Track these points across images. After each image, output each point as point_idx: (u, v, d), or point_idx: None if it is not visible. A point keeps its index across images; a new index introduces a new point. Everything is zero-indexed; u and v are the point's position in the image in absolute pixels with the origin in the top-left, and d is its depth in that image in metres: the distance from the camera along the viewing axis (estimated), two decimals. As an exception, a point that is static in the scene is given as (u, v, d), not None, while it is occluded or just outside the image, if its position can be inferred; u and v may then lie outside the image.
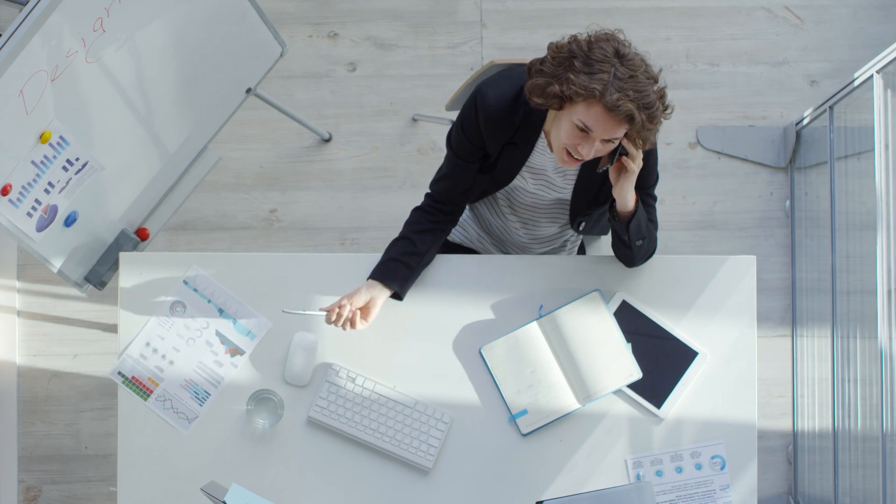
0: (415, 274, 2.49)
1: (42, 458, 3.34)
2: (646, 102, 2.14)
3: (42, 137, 2.31)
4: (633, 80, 2.14)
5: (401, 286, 2.47)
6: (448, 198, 2.49)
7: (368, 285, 2.46)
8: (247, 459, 2.50)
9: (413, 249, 2.48)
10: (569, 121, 2.19)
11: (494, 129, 2.34)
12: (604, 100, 2.13)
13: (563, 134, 2.21)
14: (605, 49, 2.15)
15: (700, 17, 3.54)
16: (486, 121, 2.33)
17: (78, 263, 2.61)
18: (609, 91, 2.13)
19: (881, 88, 2.80)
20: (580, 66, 2.15)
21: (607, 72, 2.13)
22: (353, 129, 3.48)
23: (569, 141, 2.21)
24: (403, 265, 2.47)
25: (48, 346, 3.37)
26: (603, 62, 2.14)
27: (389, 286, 2.46)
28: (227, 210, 3.44)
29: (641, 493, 2.12)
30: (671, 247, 3.42)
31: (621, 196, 2.33)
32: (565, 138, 2.22)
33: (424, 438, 2.49)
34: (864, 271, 3.06)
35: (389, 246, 2.50)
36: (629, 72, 2.14)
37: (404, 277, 2.47)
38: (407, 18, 3.52)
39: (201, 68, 2.64)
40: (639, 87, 2.14)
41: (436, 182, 2.51)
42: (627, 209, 2.36)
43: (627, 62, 2.15)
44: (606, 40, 2.17)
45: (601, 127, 2.17)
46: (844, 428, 3.09)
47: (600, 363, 2.50)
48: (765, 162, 3.47)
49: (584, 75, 2.14)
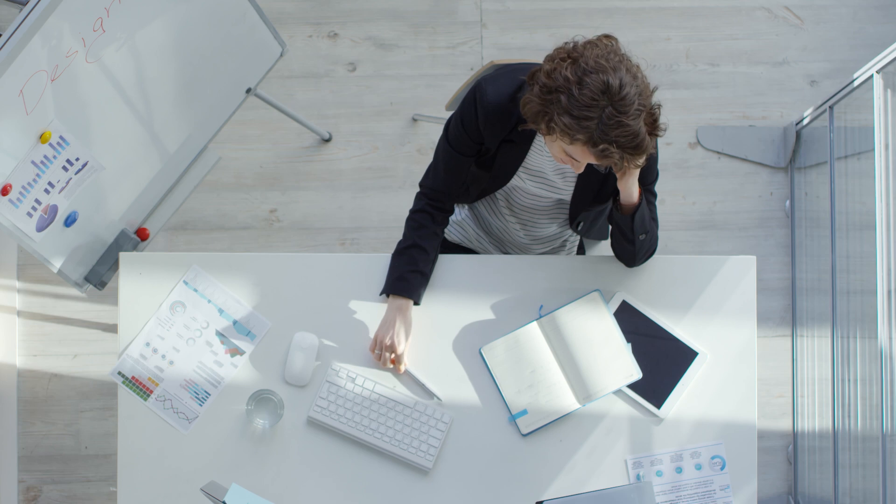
0: (428, 279, 2.52)
1: (42, 458, 3.34)
2: (633, 144, 2.09)
3: (42, 137, 2.31)
4: (620, 126, 2.06)
5: (420, 295, 2.51)
6: (445, 194, 2.49)
7: (398, 307, 2.48)
8: (247, 459, 2.50)
9: (425, 257, 2.49)
10: (557, 145, 2.18)
11: (493, 125, 2.34)
12: (588, 146, 2.10)
13: (554, 151, 2.21)
14: (594, 85, 2.05)
15: (700, 17, 3.54)
16: (484, 117, 2.33)
17: (78, 263, 2.61)
18: (593, 139, 2.08)
19: (881, 88, 2.80)
20: (566, 105, 2.07)
21: (593, 118, 2.06)
22: (353, 129, 3.48)
23: (560, 159, 2.21)
24: (420, 274, 2.49)
25: (48, 346, 3.37)
26: (590, 106, 2.05)
27: (417, 300, 2.50)
28: (227, 210, 3.44)
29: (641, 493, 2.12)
30: (671, 247, 3.42)
31: (626, 188, 2.32)
32: (556, 155, 2.21)
33: (424, 438, 2.49)
34: (864, 271, 3.06)
35: (402, 256, 2.49)
36: (617, 115, 2.05)
37: (423, 285, 2.51)
38: (407, 18, 3.52)
39: (201, 68, 2.64)
40: (626, 132, 2.07)
41: (431, 178, 2.49)
42: (632, 201, 2.35)
43: (617, 101, 2.05)
44: (598, 72, 2.06)
45: (586, 160, 2.16)
46: (844, 428, 3.09)
47: (600, 363, 2.50)
48: (765, 162, 3.47)
49: (569, 117, 2.07)
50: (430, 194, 2.50)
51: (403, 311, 2.48)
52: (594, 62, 2.08)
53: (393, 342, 2.46)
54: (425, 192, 2.51)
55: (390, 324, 2.47)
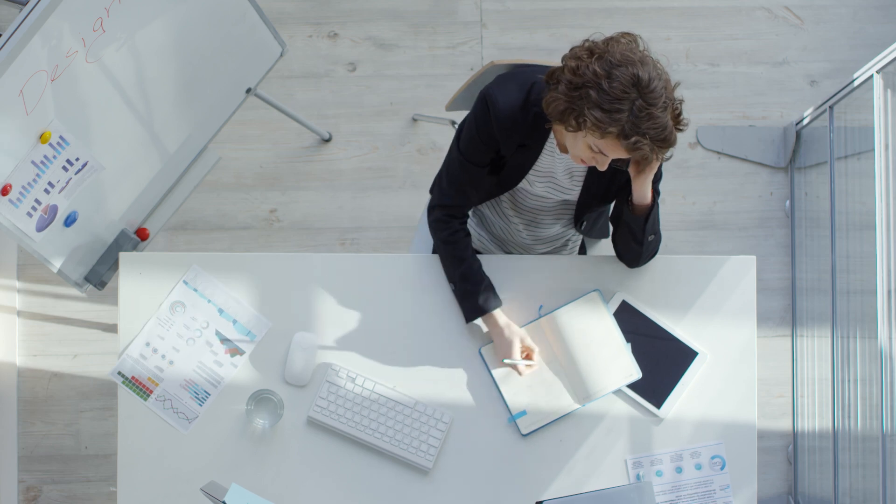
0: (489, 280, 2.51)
1: (42, 458, 3.34)
2: (662, 137, 2.11)
3: (42, 137, 2.31)
4: (651, 118, 2.08)
5: (498, 300, 2.50)
6: (463, 206, 2.49)
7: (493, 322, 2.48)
8: (247, 459, 2.50)
9: (476, 266, 2.49)
10: (584, 142, 2.18)
11: (509, 133, 2.33)
12: (620, 139, 2.11)
13: (579, 150, 2.21)
14: (624, 78, 2.07)
15: (700, 17, 3.53)
16: (499, 125, 2.31)
17: (78, 263, 2.61)
18: (625, 131, 2.09)
19: (881, 88, 2.80)
20: (597, 99, 2.08)
21: (624, 110, 2.07)
22: (353, 129, 3.48)
23: (584, 156, 2.21)
24: (483, 285, 2.48)
25: (48, 346, 3.37)
26: (621, 99, 2.07)
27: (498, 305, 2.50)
28: (227, 210, 3.44)
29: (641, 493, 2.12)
30: (671, 247, 3.42)
31: (640, 189, 2.33)
32: (581, 154, 2.21)
33: (424, 438, 2.49)
34: (864, 271, 3.06)
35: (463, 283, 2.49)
36: (647, 107, 2.07)
37: (491, 289, 2.49)
38: (407, 18, 3.52)
39: (201, 68, 2.64)
40: (656, 124, 2.09)
41: (447, 196, 2.47)
42: (645, 202, 2.36)
43: (647, 93, 2.08)
44: (625, 65, 2.08)
45: (616, 154, 2.16)
46: (844, 428, 3.09)
47: (600, 363, 2.50)
48: (765, 162, 3.47)
49: (600, 111, 2.08)
50: (449, 211, 2.48)
51: (499, 321, 2.48)
52: (621, 55, 2.10)
53: (523, 346, 2.46)
54: (446, 213, 2.49)
55: (501, 336, 2.47)
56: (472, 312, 2.49)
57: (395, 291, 2.55)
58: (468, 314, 2.50)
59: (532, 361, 2.47)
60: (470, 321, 2.50)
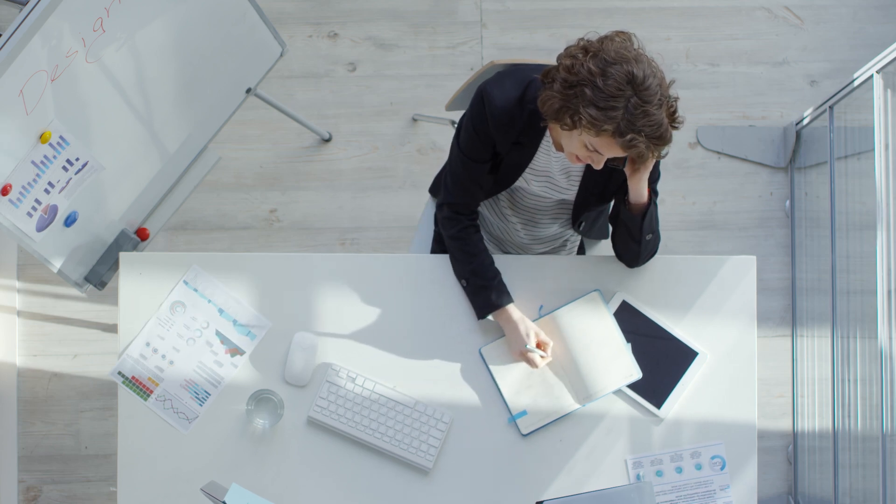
0: (501, 276, 2.50)
1: (42, 458, 3.34)
2: (658, 134, 2.11)
3: (42, 137, 2.31)
4: (646, 115, 2.08)
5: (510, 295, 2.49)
6: (469, 203, 2.49)
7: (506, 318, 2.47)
8: (247, 459, 2.50)
9: (488, 261, 2.49)
10: (579, 140, 2.18)
11: (504, 129, 2.33)
12: (615, 136, 2.11)
13: (574, 148, 2.21)
14: (618, 76, 2.08)
15: (700, 17, 3.54)
16: (495, 122, 2.32)
17: (78, 263, 2.61)
18: (620, 129, 2.09)
19: (881, 88, 2.80)
20: (591, 97, 2.09)
21: (619, 108, 2.08)
22: (353, 129, 3.48)
23: (579, 155, 2.21)
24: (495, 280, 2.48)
25: (48, 346, 3.37)
26: (616, 96, 2.08)
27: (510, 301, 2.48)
28: (227, 210, 3.44)
29: (641, 493, 2.12)
30: (671, 247, 3.42)
31: (636, 188, 2.33)
32: (576, 152, 2.21)
33: (424, 438, 2.49)
34: (864, 271, 3.06)
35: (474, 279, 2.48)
36: (642, 104, 2.08)
37: (503, 285, 2.48)
38: (407, 18, 3.52)
39: (201, 68, 2.64)
40: (651, 121, 2.09)
41: (452, 194, 2.47)
42: (642, 201, 2.36)
43: (642, 91, 2.08)
44: (620, 62, 2.09)
45: (611, 152, 2.17)
46: (844, 428, 3.09)
47: (600, 363, 2.50)
48: (765, 162, 3.47)
49: (594, 109, 2.09)
50: (456, 209, 2.49)
51: (513, 315, 2.47)
52: (615, 53, 2.10)
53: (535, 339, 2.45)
54: (453, 210, 2.49)
55: (517, 330, 2.46)
56: (485, 308, 2.48)
57: (395, 291, 2.55)
58: (480, 310, 2.49)
59: (547, 354, 2.47)
60: (482, 317, 2.50)
